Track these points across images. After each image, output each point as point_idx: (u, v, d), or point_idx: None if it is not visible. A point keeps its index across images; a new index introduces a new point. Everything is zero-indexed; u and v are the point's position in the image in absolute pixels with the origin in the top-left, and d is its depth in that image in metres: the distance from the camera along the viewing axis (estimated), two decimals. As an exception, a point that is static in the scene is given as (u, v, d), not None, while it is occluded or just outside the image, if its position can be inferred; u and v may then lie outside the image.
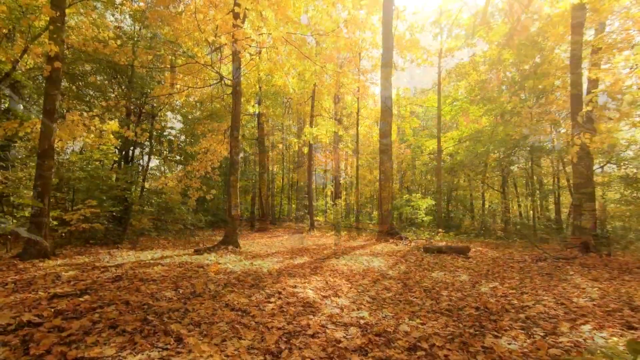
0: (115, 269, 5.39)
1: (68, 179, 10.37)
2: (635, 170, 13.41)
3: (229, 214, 8.30)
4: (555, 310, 3.61)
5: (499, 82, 14.79)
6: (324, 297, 4.15)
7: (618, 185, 15.74)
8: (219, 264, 6.31)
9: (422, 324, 3.30)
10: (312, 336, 2.92)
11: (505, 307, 3.76)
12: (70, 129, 7.02)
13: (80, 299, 3.76)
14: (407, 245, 9.07)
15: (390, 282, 5.02)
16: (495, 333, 3.03)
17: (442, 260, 6.87)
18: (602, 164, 14.56)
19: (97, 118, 7.09)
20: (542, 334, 3.00)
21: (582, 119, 7.53)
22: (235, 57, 8.32)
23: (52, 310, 3.27)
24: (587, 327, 3.09)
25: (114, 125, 7.49)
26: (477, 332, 3.05)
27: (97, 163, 10.48)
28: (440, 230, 12.13)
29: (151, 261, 6.35)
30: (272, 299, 3.95)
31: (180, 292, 4.19)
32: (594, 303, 3.84)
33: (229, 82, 8.58)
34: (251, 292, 4.21)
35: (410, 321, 3.35)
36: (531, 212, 23.53)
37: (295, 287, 4.52)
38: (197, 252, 7.64)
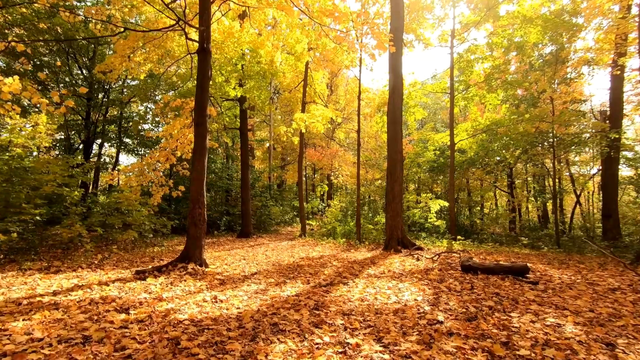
0: (-49, 324, 2.96)
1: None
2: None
3: (191, 217, 5.91)
4: None
5: (521, 67, 12.93)
6: (351, 407, 1.89)
7: (626, 187, 14.29)
8: (162, 300, 3.94)
9: None
10: None
11: None
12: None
13: None
14: (432, 260, 6.90)
15: (457, 343, 2.78)
16: None
17: (499, 287, 4.71)
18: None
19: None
20: None
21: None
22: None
23: None
24: None
25: (14, 84, 4.98)
26: None
27: (19, 150, 7.87)
28: (460, 237, 10.04)
29: (47, 297, 3.91)
30: None
31: (23, 403, 1.83)
32: None
33: (194, 34, 6.21)
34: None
35: None
36: (536, 214, 21.99)
37: (285, 370, 2.24)
38: (139, 275, 5.22)
